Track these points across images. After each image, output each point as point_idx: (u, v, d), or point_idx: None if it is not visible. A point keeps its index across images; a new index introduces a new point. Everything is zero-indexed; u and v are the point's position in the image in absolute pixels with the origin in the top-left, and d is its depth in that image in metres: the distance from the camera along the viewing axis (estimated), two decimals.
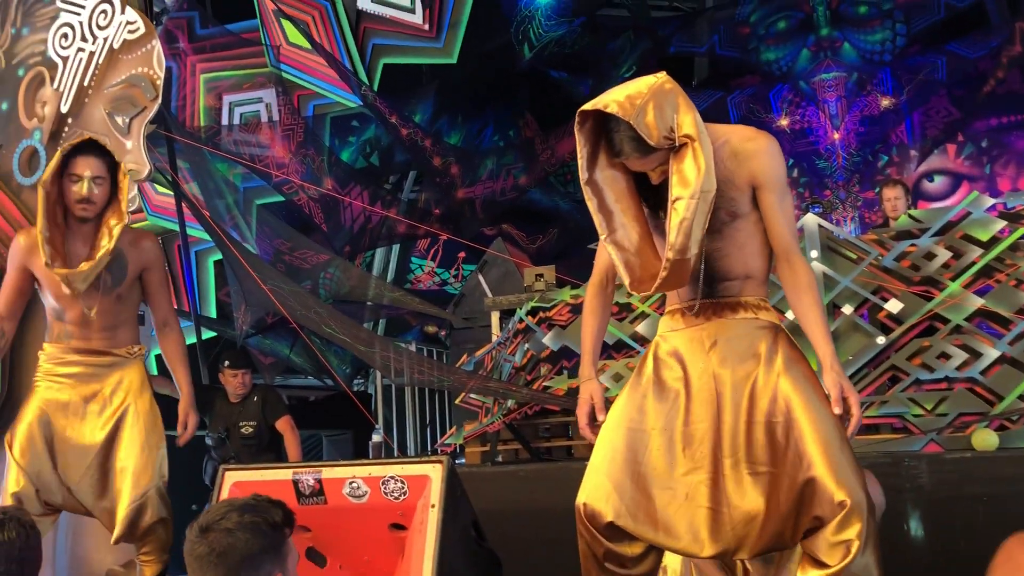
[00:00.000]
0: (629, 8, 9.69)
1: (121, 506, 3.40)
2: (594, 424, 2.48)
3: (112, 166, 3.47)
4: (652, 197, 2.34)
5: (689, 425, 2.30)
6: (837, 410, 2.21)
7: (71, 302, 3.45)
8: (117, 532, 3.42)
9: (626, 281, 2.31)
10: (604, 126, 2.25)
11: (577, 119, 2.25)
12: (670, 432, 2.32)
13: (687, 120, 2.17)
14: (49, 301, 3.53)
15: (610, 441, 2.38)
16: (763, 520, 2.23)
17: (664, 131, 2.15)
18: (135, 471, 3.41)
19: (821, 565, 2.16)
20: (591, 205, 2.31)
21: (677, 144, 2.18)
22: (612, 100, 2.17)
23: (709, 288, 2.36)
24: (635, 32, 9.59)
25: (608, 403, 2.52)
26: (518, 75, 9.49)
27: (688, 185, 2.16)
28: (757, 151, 2.31)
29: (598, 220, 2.32)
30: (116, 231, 3.41)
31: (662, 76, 2.23)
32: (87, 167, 3.40)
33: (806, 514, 2.18)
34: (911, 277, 4.31)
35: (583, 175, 2.30)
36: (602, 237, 2.33)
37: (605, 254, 2.48)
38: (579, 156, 2.28)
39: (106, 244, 3.39)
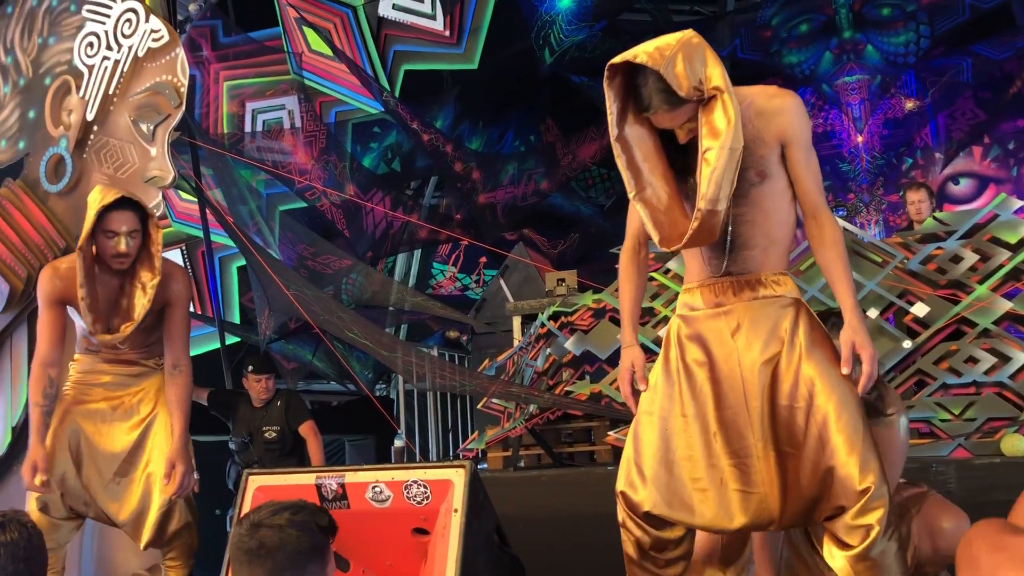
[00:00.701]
0: (650, 12, 9.67)
1: (152, 511, 3.42)
2: (637, 393, 2.47)
3: (143, 217, 3.46)
4: (679, 161, 2.33)
5: (720, 411, 2.31)
6: (845, 370, 2.22)
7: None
8: (147, 537, 3.44)
9: (655, 238, 2.30)
10: (633, 82, 2.24)
11: (606, 73, 2.24)
12: (702, 419, 2.32)
13: (716, 73, 2.17)
14: (80, 323, 3.55)
15: (643, 431, 2.39)
16: (788, 499, 2.25)
17: (694, 82, 2.14)
18: (164, 479, 3.44)
19: (844, 545, 2.19)
20: (620, 162, 2.30)
21: (706, 96, 2.17)
22: (642, 51, 2.17)
23: (730, 256, 2.35)
24: (656, 36, 9.55)
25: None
26: (539, 80, 9.48)
27: (718, 135, 2.15)
28: (783, 108, 2.31)
29: (627, 177, 2.31)
30: (151, 289, 3.41)
31: (689, 32, 2.24)
32: (123, 223, 3.37)
33: (828, 501, 2.20)
34: (937, 280, 4.26)
35: (613, 131, 2.29)
36: (631, 195, 2.32)
37: (636, 218, 2.47)
38: (609, 112, 2.27)
39: (144, 303, 3.41)
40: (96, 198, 3.38)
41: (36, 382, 3.47)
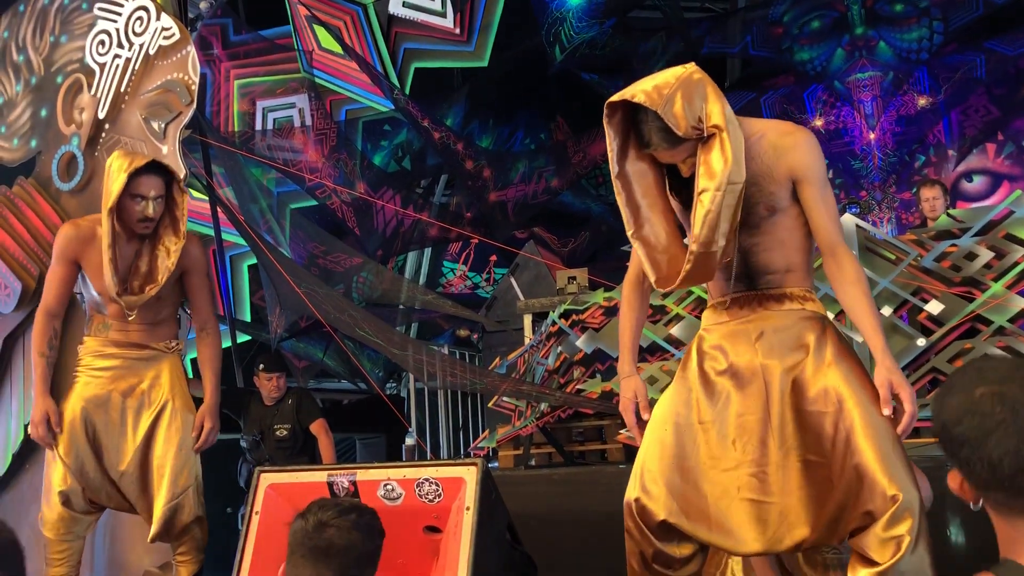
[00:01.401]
0: (661, 9, 9.64)
1: (158, 505, 3.41)
2: (641, 422, 2.44)
3: (167, 183, 3.45)
4: (683, 192, 2.31)
5: (740, 416, 2.27)
6: (886, 411, 2.14)
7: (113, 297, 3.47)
8: (154, 531, 3.43)
9: (652, 278, 2.27)
10: (633, 117, 2.22)
11: (605, 111, 2.23)
12: (720, 425, 2.28)
13: (715, 110, 2.14)
14: (91, 293, 3.54)
15: (658, 437, 2.34)
16: (813, 512, 2.18)
17: (692, 121, 2.12)
18: (173, 470, 3.42)
19: (871, 563, 2.10)
20: (620, 199, 2.29)
21: (705, 135, 2.14)
22: (640, 90, 2.15)
23: (750, 282, 2.33)
24: (667, 33, 9.54)
25: (650, 403, 2.49)
26: (549, 77, 9.47)
27: (714, 177, 2.12)
28: (796, 144, 2.27)
29: (626, 215, 2.29)
30: (175, 254, 3.42)
31: (691, 67, 2.21)
32: (151, 187, 3.37)
33: (855, 509, 2.12)
34: (952, 278, 4.23)
35: (614, 168, 2.27)
36: (629, 233, 2.29)
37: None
38: (609, 149, 2.26)
39: (167, 265, 3.42)
40: (121, 163, 3.36)
41: (42, 332, 3.47)
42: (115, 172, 3.35)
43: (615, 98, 2.20)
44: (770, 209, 2.28)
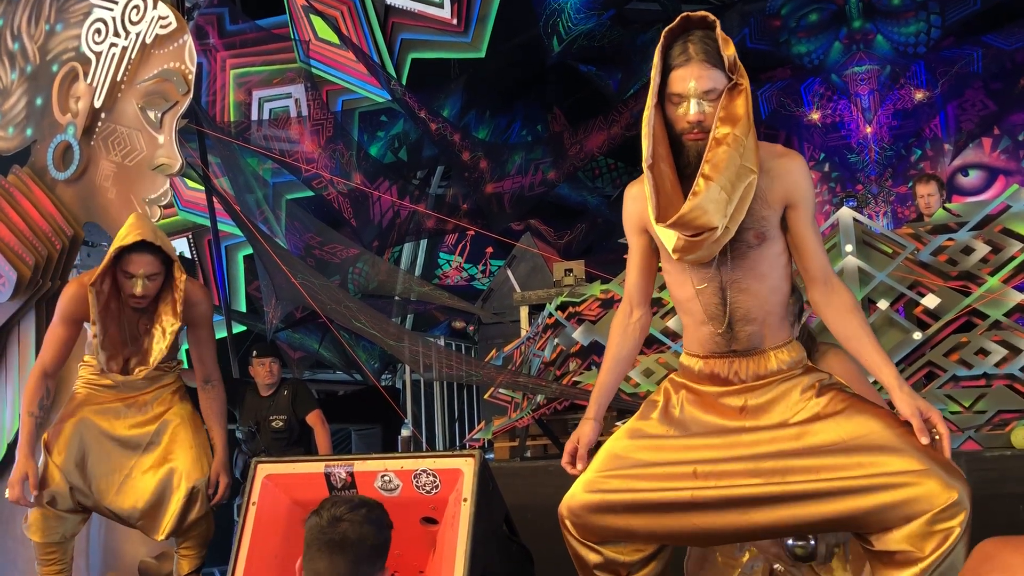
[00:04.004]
0: (659, 1, 9.62)
1: (174, 501, 3.43)
2: (573, 467, 2.40)
3: (166, 260, 3.39)
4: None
5: (709, 457, 2.19)
6: (924, 440, 2.05)
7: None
8: (168, 527, 3.45)
9: (655, 211, 2.11)
10: (669, 50, 2.17)
11: (661, 40, 2.17)
12: (682, 463, 2.21)
13: (744, 71, 2.12)
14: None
15: (610, 461, 2.30)
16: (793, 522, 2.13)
17: (730, 57, 2.09)
18: (186, 469, 3.46)
19: (908, 560, 2.00)
20: (646, 129, 2.14)
21: (734, 81, 2.10)
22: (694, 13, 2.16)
23: (730, 331, 2.24)
24: (665, 25, 9.51)
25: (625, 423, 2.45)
26: (547, 69, 9.45)
27: (737, 122, 2.06)
28: (791, 169, 2.20)
29: (647, 144, 2.13)
30: (170, 336, 3.40)
31: None
32: (140, 265, 3.31)
33: (899, 510, 2.01)
34: (948, 272, 4.24)
35: (653, 99, 2.16)
36: (647, 163, 2.13)
37: (633, 276, 2.40)
38: (652, 80, 2.16)
39: (162, 347, 3.40)
40: (121, 232, 3.33)
41: (34, 392, 3.44)
42: (114, 241, 3.34)
43: (675, 23, 2.16)
44: (760, 237, 2.19)
